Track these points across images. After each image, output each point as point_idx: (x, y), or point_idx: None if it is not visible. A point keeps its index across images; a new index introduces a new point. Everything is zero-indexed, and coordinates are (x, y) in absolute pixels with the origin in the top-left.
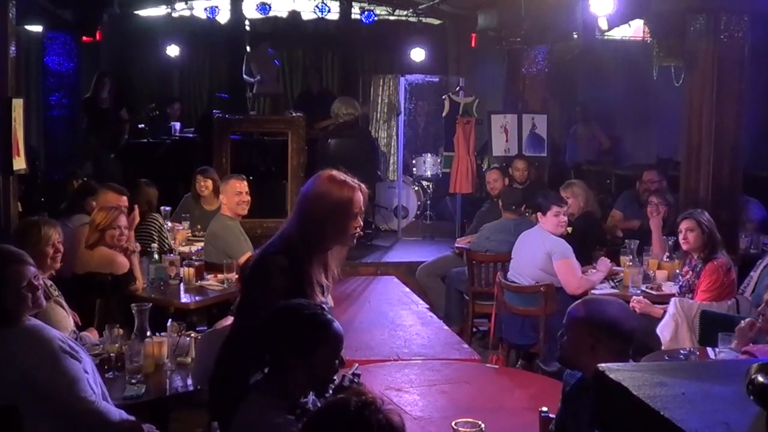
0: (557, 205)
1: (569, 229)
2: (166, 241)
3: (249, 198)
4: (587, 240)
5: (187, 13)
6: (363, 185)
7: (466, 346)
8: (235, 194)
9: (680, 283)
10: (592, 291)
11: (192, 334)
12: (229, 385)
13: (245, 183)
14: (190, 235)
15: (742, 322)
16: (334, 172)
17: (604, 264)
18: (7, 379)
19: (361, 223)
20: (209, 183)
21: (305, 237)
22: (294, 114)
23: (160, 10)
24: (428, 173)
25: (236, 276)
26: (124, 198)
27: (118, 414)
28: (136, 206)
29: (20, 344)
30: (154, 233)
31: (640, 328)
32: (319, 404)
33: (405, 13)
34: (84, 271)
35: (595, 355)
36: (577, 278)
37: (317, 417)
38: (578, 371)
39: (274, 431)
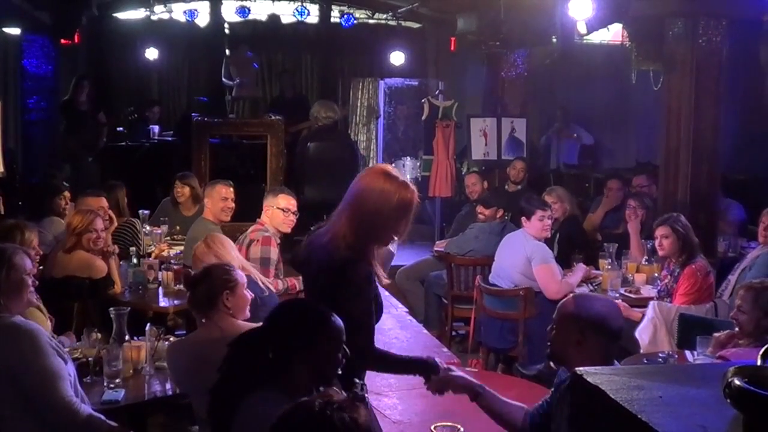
0: (541, 209)
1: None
2: (141, 246)
3: (233, 205)
4: (572, 244)
5: (166, 16)
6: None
7: (445, 349)
8: (221, 199)
9: (659, 287)
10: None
11: (171, 338)
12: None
13: (231, 189)
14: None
15: (721, 333)
16: (388, 168)
17: (581, 270)
18: None
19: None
20: (186, 190)
21: (360, 235)
22: (273, 117)
23: (139, 13)
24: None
25: None
26: (102, 199)
27: (98, 417)
28: (109, 211)
29: (9, 336)
30: (128, 237)
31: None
32: None
33: (384, 16)
34: (62, 275)
35: (581, 350)
36: (557, 282)
37: (282, 418)
38: (564, 367)
39: (264, 419)
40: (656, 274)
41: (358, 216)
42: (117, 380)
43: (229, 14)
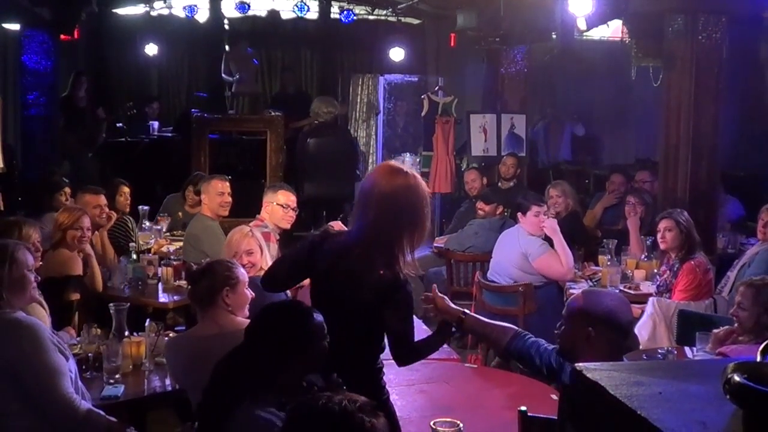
0: (537, 204)
1: None
2: (135, 242)
3: (230, 199)
4: (572, 239)
5: (165, 11)
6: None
7: (444, 345)
8: (218, 195)
9: (658, 283)
10: (571, 290)
11: (170, 334)
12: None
13: (228, 184)
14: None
15: (721, 329)
16: (395, 163)
17: (552, 230)
18: None
19: None
20: (196, 198)
21: (398, 242)
22: (273, 113)
23: (139, 9)
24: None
25: None
26: (102, 197)
27: (98, 413)
28: (107, 209)
29: (10, 332)
30: (120, 234)
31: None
32: None
33: (384, 12)
34: (45, 275)
35: (591, 345)
36: (561, 266)
37: (300, 417)
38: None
39: (263, 427)
40: (655, 270)
41: (395, 218)
42: (116, 376)
43: (229, 10)
